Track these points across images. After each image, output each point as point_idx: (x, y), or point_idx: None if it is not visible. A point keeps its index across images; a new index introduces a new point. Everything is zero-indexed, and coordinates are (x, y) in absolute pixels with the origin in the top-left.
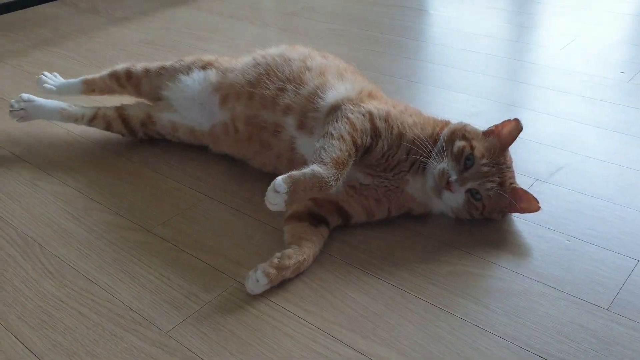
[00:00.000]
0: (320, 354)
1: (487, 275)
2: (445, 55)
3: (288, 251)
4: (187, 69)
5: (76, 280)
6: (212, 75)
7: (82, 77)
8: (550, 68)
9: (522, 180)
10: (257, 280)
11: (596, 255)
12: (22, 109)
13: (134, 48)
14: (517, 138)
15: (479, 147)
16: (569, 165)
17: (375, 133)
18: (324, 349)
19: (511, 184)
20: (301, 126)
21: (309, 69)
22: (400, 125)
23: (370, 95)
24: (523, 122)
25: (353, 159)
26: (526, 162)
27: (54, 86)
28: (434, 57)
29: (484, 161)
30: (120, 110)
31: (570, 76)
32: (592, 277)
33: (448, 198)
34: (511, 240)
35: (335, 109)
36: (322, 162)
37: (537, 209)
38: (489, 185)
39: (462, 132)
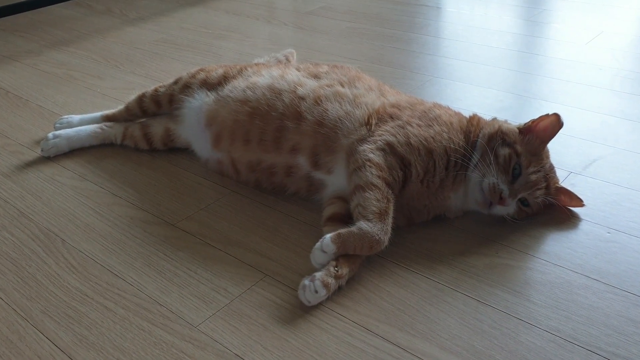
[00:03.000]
0: (357, 347)
1: (526, 267)
2: (468, 51)
3: (342, 258)
4: (187, 88)
5: (101, 275)
6: (205, 101)
7: (101, 113)
8: (576, 63)
9: (557, 173)
10: (315, 291)
11: (639, 247)
12: (52, 147)
13: (150, 47)
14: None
15: (524, 153)
16: (603, 157)
17: (404, 163)
18: (361, 343)
19: (555, 184)
20: (316, 166)
21: (302, 98)
22: (424, 141)
23: (383, 114)
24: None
25: (393, 201)
26: (559, 154)
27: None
28: (457, 54)
29: (531, 169)
30: (145, 128)
31: (598, 70)
32: (637, 270)
33: (499, 210)
34: (548, 232)
35: (351, 152)
36: (366, 219)
37: (581, 206)
38: (538, 193)
39: (501, 136)
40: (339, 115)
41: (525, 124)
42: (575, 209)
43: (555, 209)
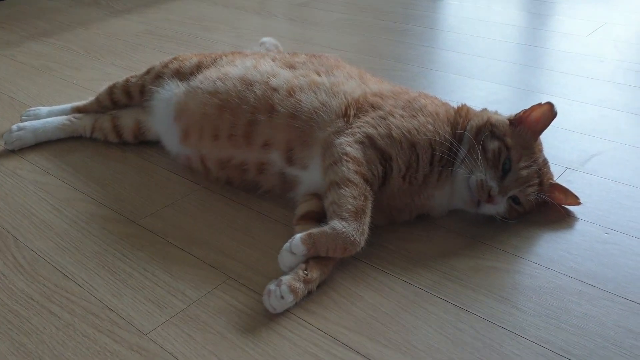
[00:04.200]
0: (321, 359)
1: (514, 270)
2: (464, 43)
3: (312, 261)
4: (158, 78)
5: (50, 276)
6: (175, 92)
7: (71, 105)
8: (577, 55)
9: (552, 169)
10: (281, 297)
11: (639, 249)
12: (15, 140)
13: (134, 38)
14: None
15: (515, 147)
16: (603, 153)
17: (384, 157)
18: (326, 354)
19: (549, 180)
20: (290, 162)
21: (275, 89)
22: (407, 133)
23: (363, 103)
24: (563, 111)
25: (371, 199)
26: (556, 149)
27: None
28: (453, 45)
29: (522, 164)
30: (114, 120)
31: (599, 62)
32: (636, 274)
33: (488, 209)
34: (541, 233)
35: (327, 146)
36: (341, 218)
37: (577, 204)
38: (530, 190)
39: (490, 128)
40: (314, 107)
41: (515, 115)
42: (571, 208)
43: (550, 207)
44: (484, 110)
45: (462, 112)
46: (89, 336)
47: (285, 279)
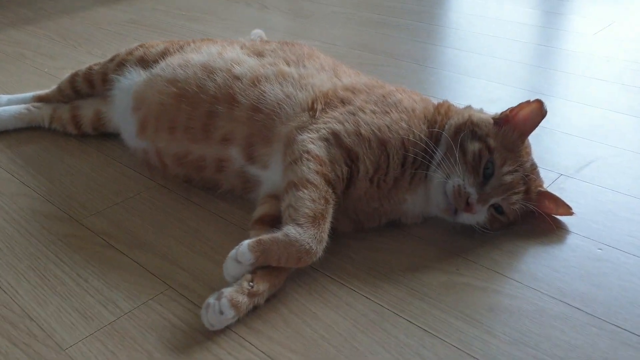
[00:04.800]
0: None
1: (491, 289)
2: (462, 39)
3: (261, 272)
4: (121, 66)
5: None
6: (136, 81)
7: (33, 93)
8: (582, 54)
9: (544, 175)
10: (220, 311)
11: (636, 269)
12: None
13: (117, 28)
14: (540, 125)
15: (498, 149)
16: (602, 159)
17: (350, 156)
18: None
19: (538, 187)
20: (251, 159)
21: (237, 78)
22: (377, 130)
23: (332, 98)
24: (551, 111)
25: (332, 203)
26: (550, 153)
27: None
28: (452, 42)
29: (506, 168)
30: (74, 110)
31: (605, 63)
32: (631, 297)
33: (466, 219)
34: (526, 246)
35: (289, 143)
36: (297, 223)
37: (569, 214)
38: (515, 198)
39: (470, 128)
40: (278, 99)
41: (501, 113)
42: (563, 219)
43: (538, 218)
44: (467, 107)
45: (442, 110)
46: (1, 350)
47: (227, 291)
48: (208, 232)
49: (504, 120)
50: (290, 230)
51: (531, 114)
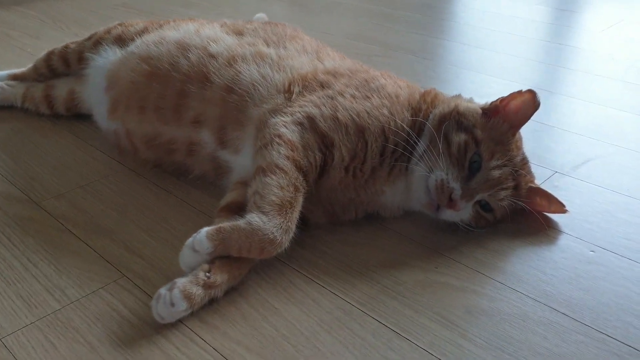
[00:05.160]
0: None
1: (471, 289)
2: (468, 35)
3: (219, 261)
4: (98, 45)
5: None
6: (110, 59)
7: (9, 71)
8: (588, 51)
9: (538, 172)
10: (171, 303)
11: (630, 274)
12: None
13: (108, 11)
14: (534, 117)
15: (486, 141)
16: (601, 157)
17: (325, 142)
18: None
19: (528, 183)
20: (223, 143)
21: (213, 56)
22: (356, 116)
23: (311, 81)
24: (552, 107)
25: (303, 191)
26: (547, 150)
27: None
28: (454, 35)
29: (494, 162)
30: (47, 90)
31: (611, 60)
32: (622, 304)
33: (449, 216)
34: (513, 246)
35: (261, 126)
36: (261, 211)
37: (563, 212)
38: (503, 194)
39: (456, 118)
40: (253, 79)
41: (491, 103)
42: (555, 218)
43: (528, 216)
44: (456, 96)
45: (428, 98)
46: None
47: (180, 281)
48: (174, 219)
49: (493, 111)
50: (254, 218)
51: (523, 105)
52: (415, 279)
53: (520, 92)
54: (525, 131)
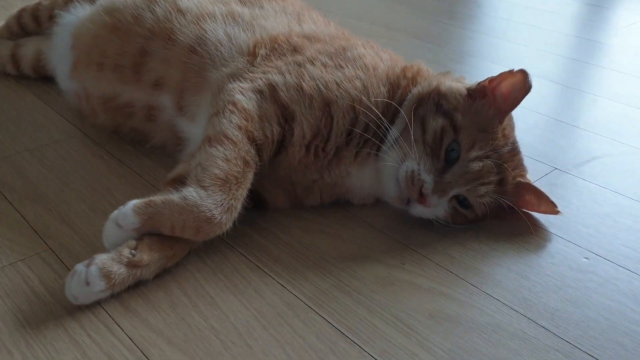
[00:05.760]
0: None
1: (438, 291)
2: (483, 22)
3: (149, 239)
4: (71, 1)
5: None
6: (79, 15)
7: None
8: (610, 46)
9: (535, 168)
10: (86, 281)
11: (626, 287)
12: None
13: None
14: (539, 110)
15: (467, 128)
16: (608, 156)
17: (285, 114)
18: None
19: (516, 177)
20: (181, 109)
21: (182, 12)
22: (323, 87)
23: (282, 44)
24: (564, 102)
25: (254, 167)
26: (549, 145)
27: None
28: (467, 23)
29: (474, 153)
30: (15, 48)
31: (632, 56)
32: (613, 321)
33: (420, 211)
34: (495, 246)
35: (218, 92)
36: (200, 185)
37: (554, 213)
38: (483, 189)
39: (436, 99)
40: (217, 39)
41: (478, 84)
42: (546, 219)
43: (517, 213)
44: (443, 73)
45: (409, 73)
46: None
47: (100, 258)
48: (120, 192)
49: (480, 93)
50: (191, 192)
51: (513, 87)
52: (376, 275)
53: (511, 72)
54: (527, 123)
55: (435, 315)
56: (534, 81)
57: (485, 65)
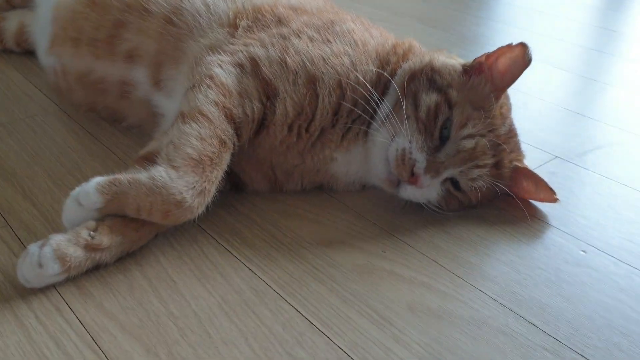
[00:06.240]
0: None
1: (420, 282)
2: (492, 8)
3: (111, 220)
4: None
5: None
6: None
7: None
8: (628, 36)
9: (534, 155)
10: (39, 263)
11: (626, 283)
12: None
13: None
14: (542, 96)
15: (461, 104)
16: (614, 145)
17: (267, 91)
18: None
19: (513, 161)
20: (158, 84)
21: None
22: (309, 63)
23: (266, 14)
24: (573, 90)
25: (231, 147)
26: (551, 132)
27: None
28: (475, 9)
29: (466, 131)
30: None
31: None
32: (609, 319)
33: (410, 193)
34: (486, 235)
35: (195, 65)
36: (171, 165)
37: (553, 201)
38: (476, 172)
39: (429, 75)
40: (195, 8)
41: (474, 60)
42: (543, 207)
43: (511, 199)
44: (436, 50)
45: (400, 49)
46: None
47: (55, 239)
48: (89, 169)
49: (476, 69)
50: (160, 172)
51: (512, 62)
52: (354, 263)
53: (510, 45)
54: (528, 109)
55: (414, 307)
56: (539, 67)
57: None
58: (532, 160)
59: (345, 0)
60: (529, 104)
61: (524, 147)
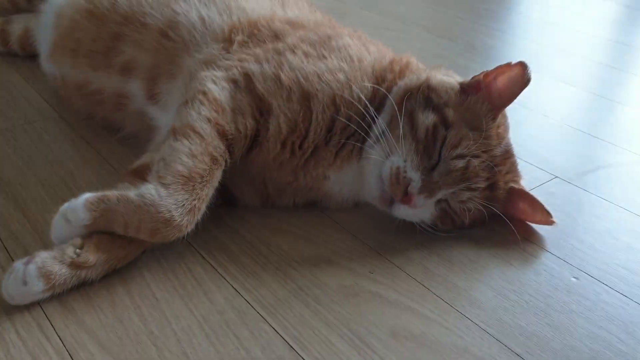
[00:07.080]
0: None
1: (405, 306)
2: (515, 23)
3: (98, 237)
4: None
5: None
6: None
7: None
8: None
9: (533, 174)
10: (24, 281)
11: (618, 313)
12: None
13: None
14: (547, 113)
15: (457, 124)
16: (616, 166)
17: (260, 107)
18: None
19: (509, 183)
20: (152, 97)
21: None
22: (303, 79)
23: (262, 29)
24: (578, 106)
25: (222, 164)
26: (552, 151)
27: None
28: (499, 24)
29: (457, 151)
30: (4, 24)
31: None
32: (597, 351)
33: (406, 213)
34: (475, 258)
35: (190, 80)
36: (161, 183)
37: (549, 223)
38: (466, 195)
39: (425, 94)
40: (191, 23)
41: (472, 78)
42: (538, 229)
43: (504, 221)
44: (434, 66)
45: (397, 66)
46: None
47: (41, 256)
48: (83, 178)
49: (474, 88)
50: (149, 190)
51: (511, 82)
52: (340, 284)
53: (509, 64)
54: (530, 126)
55: (397, 332)
56: (546, 82)
57: (497, 63)
58: (531, 180)
59: (353, 8)
60: (532, 120)
61: (523, 165)
